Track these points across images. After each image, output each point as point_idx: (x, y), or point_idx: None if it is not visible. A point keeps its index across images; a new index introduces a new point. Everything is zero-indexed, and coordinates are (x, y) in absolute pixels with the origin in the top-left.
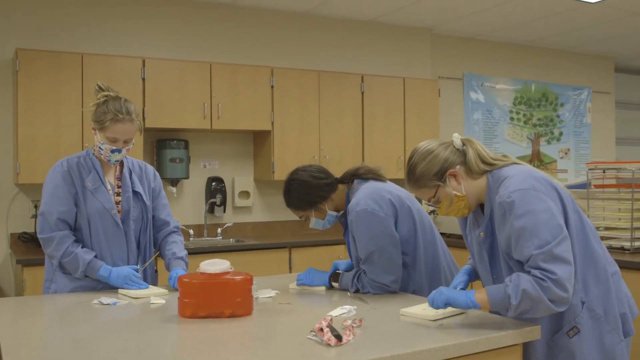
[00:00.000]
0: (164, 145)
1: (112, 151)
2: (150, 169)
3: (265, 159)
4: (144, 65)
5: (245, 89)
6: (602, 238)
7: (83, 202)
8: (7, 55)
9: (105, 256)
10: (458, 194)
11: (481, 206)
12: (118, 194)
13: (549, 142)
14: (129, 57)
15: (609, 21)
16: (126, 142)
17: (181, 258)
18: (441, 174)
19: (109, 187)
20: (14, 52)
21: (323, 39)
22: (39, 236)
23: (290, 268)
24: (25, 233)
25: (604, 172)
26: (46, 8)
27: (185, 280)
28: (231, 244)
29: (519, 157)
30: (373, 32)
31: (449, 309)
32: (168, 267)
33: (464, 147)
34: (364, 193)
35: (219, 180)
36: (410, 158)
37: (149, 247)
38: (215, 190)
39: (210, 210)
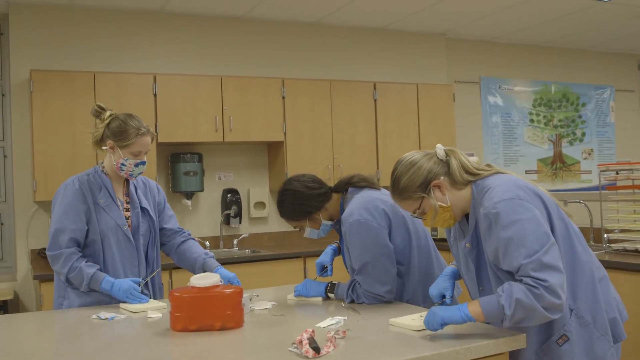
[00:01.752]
0: (177, 159)
1: (137, 165)
2: (153, 183)
3: (279, 169)
4: (155, 81)
5: (256, 101)
6: (616, 241)
7: (95, 218)
8: (23, 77)
9: (118, 270)
10: (443, 205)
11: (466, 216)
12: (127, 210)
13: (571, 143)
14: (140, 74)
15: (627, 19)
16: (145, 154)
17: (213, 257)
18: (425, 186)
19: (119, 203)
20: (28, 73)
21: (333, 48)
22: (47, 253)
23: (305, 278)
24: (44, 249)
25: (617, 173)
26: (58, 29)
27: (175, 294)
28: (247, 254)
29: (540, 160)
30: (385, 39)
31: None
32: (202, 267)
33: (448, 157)
34: (357, 203)
35: (234, 192)
36: (394, 170)
37: (156, 261)
38: (231, 201)
39: (226, 221)
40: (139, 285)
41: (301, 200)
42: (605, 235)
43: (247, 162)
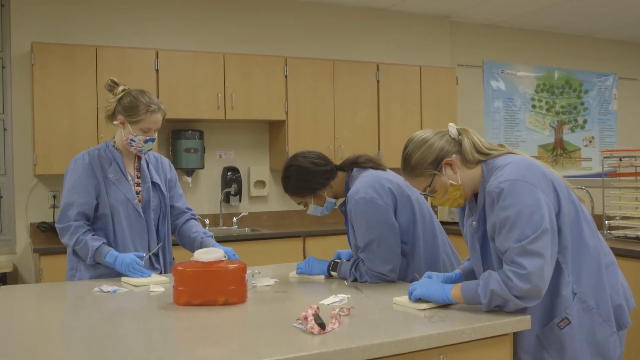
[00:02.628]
0: (178, 135)
1: (146, 141)
2: (166, 161)
3: (280, 148)
4: (157, 57)
5: (258, 79)
6: (618, 227)
7: (105, 192)
8: (23, 50)
9: (128, 245)
10: (454, 183)
11: (475, 196)
12: (138, 184)
13: (572, 130)
14: (143, 49)
15: (633, 6)
16: (155, 131)
17: (211, 236)
18: (437, 163)
19: (129, 178)
20: (29, 46)
21: (337, 28)
22: (56, 225)
23: (304, 257)
24: (44, 223)
25: (620, 160)
26: (60, 2)
27: (179, 268)
28: (246, 233)
29: (541, 146)
30: (389, 20)
31: None
32: (200, 245)
33: (460, 136)
34: (363, 181)
35: (235, 170)
36: (405, 147)
37: (167, 235)
38: (231, 180)
39: (226, 199)
40: (142, 260)
41: (306, 176)
42: (607, 222)
43: (248, 140)
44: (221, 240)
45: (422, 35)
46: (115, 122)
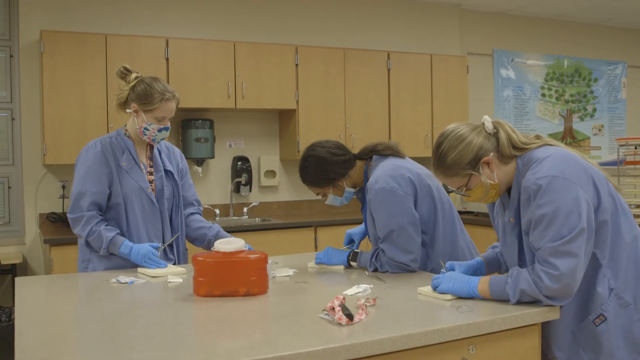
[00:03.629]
0: (188, 125)
1: (160, 130)
2: (177, 150)
3: (290, 137)
4: (167, 45)
5: (269, 68)
6: (634, 216)
7: (118, 181)
8: (32, 38)
9: (141, 234)
10: (491, 182)
11: (508, 190)
12: (150, 173)
13: (582, 119)
14: (153, 37)
15: None
16: (169, 120)
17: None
18: (475, 163)
19: (142, 167)
20: (39, 34)
21: (348, 16)
22: (68, 215)
23: (315, 247)
24: (53, 213)
25: (635, 148)
26: None
27: (199, 259)
28: (257, 223)
29: (550, 134)
30: (400, 8)
31: None
32: (216, 237)
33: (496, 131)
34: (382, 170)
35: (245, 160)
36: (439, 144)
37: (181, 224)
38: (241, 169)
39: (236, 189)
40: (158, 250)
41: (325, 166)
42: None
43: (259, 129)
44: (232, 230)
45: (432, 23)
46: (128, 110)
